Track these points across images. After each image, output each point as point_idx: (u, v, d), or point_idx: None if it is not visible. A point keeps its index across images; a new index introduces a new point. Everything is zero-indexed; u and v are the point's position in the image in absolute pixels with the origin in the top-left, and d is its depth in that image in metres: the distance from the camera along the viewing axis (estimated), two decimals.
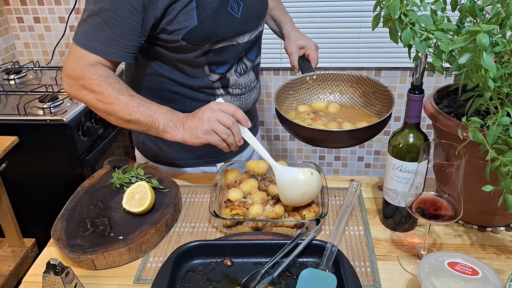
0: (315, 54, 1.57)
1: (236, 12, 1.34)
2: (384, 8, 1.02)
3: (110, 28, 1.20)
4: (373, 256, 1.12)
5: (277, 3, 1.72)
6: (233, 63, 1.43)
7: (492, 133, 0.90)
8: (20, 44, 2.72)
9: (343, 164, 2.96)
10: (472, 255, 1.08)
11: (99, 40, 1.22)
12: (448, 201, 1.01)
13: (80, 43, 1.23)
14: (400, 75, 2.64)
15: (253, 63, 1.51)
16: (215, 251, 1.08)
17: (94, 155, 2.13)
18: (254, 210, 1.20)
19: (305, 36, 1.62)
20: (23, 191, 2.15)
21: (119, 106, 1.22)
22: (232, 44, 1.38)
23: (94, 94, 1.23)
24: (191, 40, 1.28)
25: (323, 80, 1.49)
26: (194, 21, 1.26)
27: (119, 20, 1.20)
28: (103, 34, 1.21)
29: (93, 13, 1.20)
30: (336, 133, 1.27)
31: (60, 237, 1.14)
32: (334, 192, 1.36)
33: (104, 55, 1.24)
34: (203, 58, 1.35)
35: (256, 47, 1.50)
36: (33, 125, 2.00)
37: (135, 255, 1.13)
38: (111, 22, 1.20)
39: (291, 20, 1.68)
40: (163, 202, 1.25)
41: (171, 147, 1.52)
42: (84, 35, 1.23)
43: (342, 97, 1.49)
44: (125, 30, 1.21)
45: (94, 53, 1.23)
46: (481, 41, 0.82)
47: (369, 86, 1.43)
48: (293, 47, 1.58)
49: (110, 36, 1.22)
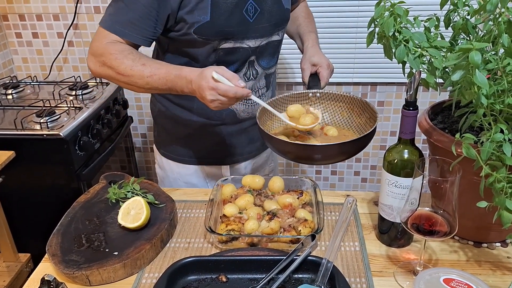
0: (325, 72, 1.54)
1: (250, 17, 1.40)
2: (378, 26, 1.03)
3: (131, 12, 1.32)
4: (369, 272, 1.12)
5: (308, 23, 1.72)
6: (242, 66, 1.47)
7: (485, 149, 0.90)
8: (18, 59, 2.73)
9: (340, 179, 2.96)
10: (467, 271, 1.08)
11: (120, 23, 1.34)
12: (443, 217, 1.01)
13: (103, 24, 1.36)
14: (396, 90, 2.65)
15: (266, 70, 1.54)
16: (210, 267, 1.08)
17: (90, 170, 2.13)
18: (250, 225, 1.20)
19: (321, 54, 1.60)
20: (19, 206, 2.14)
21: (135, 78, 1.32)
22: (242, 46, 1.42)
23: (113, 69, 1.33)
24: (201, 34, 1.36)
25: (326, 99, 1.47)
26: (207, 17, 1.34)
27: (139, 6, 1.31)
28: (124, 18, 1.33)
29: None
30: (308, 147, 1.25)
31: (55, 252, 1.14)
32: (329, 207, 1.36)
33: (123, 36, 1.34)
34: (213, 55, 1.41)
35: (269, 55, 1.53)
36: (29, 139, 1.99)
37: (130, 271, 1.12)
38: (131, 8, 1.31)
39: (314, 38, 1.67)
40: (158, 217, 1.25)
41: (177, 143, 1.62)
42: (108, 18, 1.36)
43: (342, 119, 1.46)
44: (143, 15, 1.32)
45: (114, 33, 1.34)
46: (473, 58, 0.83)
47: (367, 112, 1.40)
48: (306, 63, 1.58)
49: (130, 20, 1.33)
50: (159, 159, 1.71)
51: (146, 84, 1.31)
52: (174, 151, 1.65)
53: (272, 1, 1.44)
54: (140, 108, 2.82)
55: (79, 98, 2.33)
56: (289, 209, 1.26)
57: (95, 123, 2.21)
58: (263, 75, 1.54)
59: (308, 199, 1.32)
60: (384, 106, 2.68)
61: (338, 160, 1.31)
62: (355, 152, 1.29)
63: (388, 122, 2.73)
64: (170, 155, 1.66)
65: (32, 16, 2.60)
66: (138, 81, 1.31)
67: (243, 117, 1.55)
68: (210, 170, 1.65)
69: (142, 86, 1.32)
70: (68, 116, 2.11)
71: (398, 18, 1.00)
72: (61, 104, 2.22)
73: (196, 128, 1.57)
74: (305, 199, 1.31)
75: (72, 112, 2.15)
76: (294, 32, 1.72)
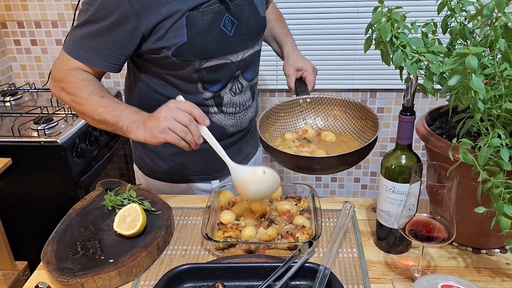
0: (311, 76, 1.55)
1: (229, 31, 1.35)
2: (376, 31, 1.03)
3: (95, 39, 1.27)
4: (367, 279, 1.11)
5: (281, 25, 1.72)
6: (228, 82, 1.43)
7: (483, 154, 0.90)
8: (17, 66, 2.73)
9: (340, 186, 2.95)
10: (466, 277, 1.07)
11: (83, 49, 1.29)
12: (441, 222, 1.00)
13: (66, 50, 1.31)
14: (395, 96, 2.65)
15: (250, 82, 1.51)
16: (206, 274, 1.06)
17: (88, 177, 2.12)
18: (247, 232, 1.19)
19: (304, 58, 1.60)
20: (16, 213, 2.13)
21: (90, 107, 1.28)
22: (226, 62, 1.38)
23: (70, 96, 1.30)
24: (181, 56, 1.31)
25: (317, 104, 1.48)
26: (184, 38, 1.29)
27: (104, 33, 1.26)
28: (87, 44, 1.28)
29: (81, 24, 1.28)
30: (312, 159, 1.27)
31: (50, 260, 1.13)
32: (327, 214, 1.35)
33: (86, 63, 1.30)
34: (196, 75, 1.37)
35: (253, 67, 1.50)
36: (27, 146, 1.99)
37: (126, 279, 1.11)
38: (96, 34, 1.27)
39: (293, 42, 1.67)
40: (155, 224, 1.24)
41: (165, 162, 1.53)
42: (71, 43, 1.31)
43: (336, 122, 1.47)
44: (108, 42, 1.27)
45: (77, 60, 1.30)
46: (469, 63, 0.83)
47: (360, 112, 1.42)
48: (290, 69, 1.57)
49: (94, 46, 1.28)
50: (143, 180, 1.63)
51: (96, 115, 1.27)
52: (161, 171, 1.56)
53: (248, 12, 1.41)
54: None
55: None
56: (287, 215, 1.26)
57: (92, 130, 2.20)
58: (248, 87, 1.51)
59: (306, 205, 1.31)
60: (384, 113, 2.68)
61: (339, 170, 1.32)
62: (357, 162, 1.29)
63: (388, 129, 2.72)
64: (157, 175, 1.58)
65: (30, 23, 2.60)
66: (90, 111, 1.27)
67: (232, 131, 1.52)
68: (200, 186, 1.59)
69: (92, 116, 1.28)
70: (66, 123, 2.11)
71: (395, 23, 0.99)
72: (58, 111, 2.22)
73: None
74: (303, 206, 1.30)
75: (70, 119, 2.15)
76: (268, 35, 1.70)
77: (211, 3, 1.30)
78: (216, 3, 1.31)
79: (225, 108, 1.46)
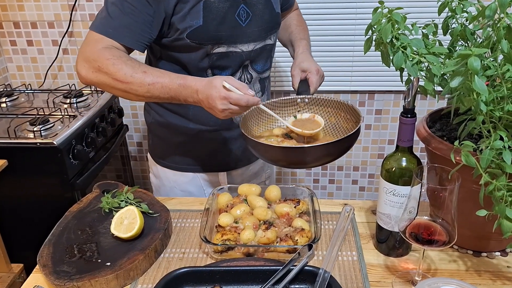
0: (314, 78, 1.54)
1: (242, 21, 1.40)
2: (376, 32, 1.02)
3: (124, 17, 1.30)
4: (367, 282, 1.10)
5: (300, 30, 1.72)
6: (237, 70, 1.47)
7: (485, 157, 0.89)
8: (13, 67, 2.71)
9: (337, 188, 2.94)
10: (467, 281, 1.06)
11: (113, 27, 1.31)
12: (442, 226, 0.99)
13: (96, 29, 1.32)
14: (394, 98, 2.64)
15: (260, 74, 1.54)
16: (205, 277, 1.05)
17: (85, 179, 2.10)
18: (246, 235, 1.18)
19: (311, 60, 1.60)
20: (12, 215, 2.11)
21: (136, 85, 1.27)
22: (236, 50, 1.42)
23: (110, 75, 1.28)
24: (194, 38, 1.35)
25: (315, 105, 1.47)
26: (199, 21, 1.34)
27: (133, 10, 1.29)
28: (117, 22, 1.31)
29: (111, 3, 1.31)
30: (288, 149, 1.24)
31: (46, 263, 1.11)
32: (327, 216, 1.34)
33: (117, 40, 1.31)
34: (206, 60, 1.41)
35: (263, 59, 1.53)
36: (22, 148, 1.97)
37: (123, 282, 1.10)
38: (125, 12, 1.29)
39: (305, 44, 1.66)
40: (152, 227, 1.23)
41: (175, 150, 1.60)
42: (100, 22, 1.33)
43: (330, 124, 1.45)
44: (138, 19, 1.30)
45: (108, 37, 1.31)
46: (472, 64, 0.82)
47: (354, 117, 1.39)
48: (295, 70, 1.57)
49: (124, 24, 1.30)
50: (155, 168, 1.69)
51: (146, 92, 1.28)
52: (170, 159, 1.62)
53: (263, 6, 1.45)
54: (136, 116, 2.80)
55: (74, 106, 2.31)
56: (286, 218, 1.24)
57: (89, 132, 2.18)
58: (257, 79, 1.54)
59: (305, 208, 1.30)
60: (381, 115, 2.67)
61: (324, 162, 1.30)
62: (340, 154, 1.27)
63: (386, 131, 2.71)
64: (166, 163, 1.64)
65: (27, 24, 2.58)
66: (138, 89, 1.27)
67: (239, 121, 1.53)
68: (207, 178, 1.64)
69: (142, 94, 1.28)
70: (62, 124, 2.09)
71: (395, 24, 0.99)
72: (55, 112, 2.20)
73: (193, 135, 1.55)
74: (302, 208, 1.29)
75: (66, 120, 2.13)
76: (287, 40, 1.73)
77: None
78: None
79: None
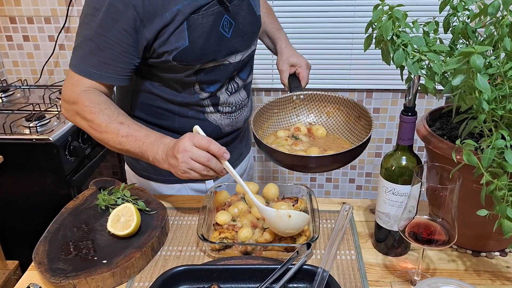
0: (305, 72, 1.53)
1: (227, 32, 1.33)
2: (376, 29, 1.01)
3: (103, 52, 1.21)
4: (365, 281, 1.09)
5: (272, 19, 1.70)
6: (224, 82, 1.41)
7: (486, 156, 0.88)
8: (9, 62, 2.69)
9: (335, 186, 2.93)
10: (466, 281, 1.06)
11: (93, 65, 1.23)
12: (442, 225, 0.98)
13: (75, 69, 1.25)
14: (392, 97, 2.63)
15: (245, 81, 1.49)
16: (202, 276, 1.04)
17: (81, 176, 2.09)
18: (243, 233, 1.17)
19: (298, 54, 1.59)
20: (7, 212, 2.10)
21: (110, 135, 1.23)
22: (224, 64, 1.37)
23: (87, 121, 1.24)
24: (182, 60, 1.28)
25: (311, 101, 1.47)
26: (185, 42, 1.26)
27: (112, 44, 1.21)
28: (96, 59, 1.23)
29: (86, 39, 1.22)
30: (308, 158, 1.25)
31: (41, 260, 1.10)
32: (325, 215, 1.34)
33: (98, 79, 1.25)
34: (194, 77, 1.34)
35: (248, 66, 1.49)
36: (18, 144, 1.95)
37: (119, 280, 1.09)
38: (104, 46, 1.21)
39: (285, 37, 1.66)
40: (149, 224, 1.22)
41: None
42: (79, 60, 1.25)
43: (329, 119, 1.46)
44: (117, 53, 1.22)
45: (88, 78, 1.24)
46: (475, 62, 0.81)
47: (355, 110, 1.40)
48: (284, 65, 1.56)
49: (104, 60, 1.23)
50: (135, 180, 1.58)
51: (117, 144, 1.23)
52: (155, 171, 1.48)
53: (245, 12, 1.39)
54: None
55: None
56: None
57: None
58: (243, 87, 1.49)
59: (303, 206, 1.29)
60: (379, 113, 2.67)
61: (333, 169, 1.31)
62: (351, 161, 1.28)
63: (384, 129, 2.71)
64: (151, 175, 1.54)
65: (23, 19, 2.56)
66: (111, 140, 1.23)
67: (227, 131, 1.50)
68: (194, 186, 1.56)
69: (113, 145, 1.24)
70: (58, 120, 2.08)
71: (396, 21, 0.97)
72: (51, 108, 2.19)
73: None
74: (300, 207, 1.28)
75: (62, 116, 2.11)
76: (261, 30, 1.65)
77: (210, 5, 1.28)
78: (216, 4, 1.29)
79: (221, 108, 1.44)
